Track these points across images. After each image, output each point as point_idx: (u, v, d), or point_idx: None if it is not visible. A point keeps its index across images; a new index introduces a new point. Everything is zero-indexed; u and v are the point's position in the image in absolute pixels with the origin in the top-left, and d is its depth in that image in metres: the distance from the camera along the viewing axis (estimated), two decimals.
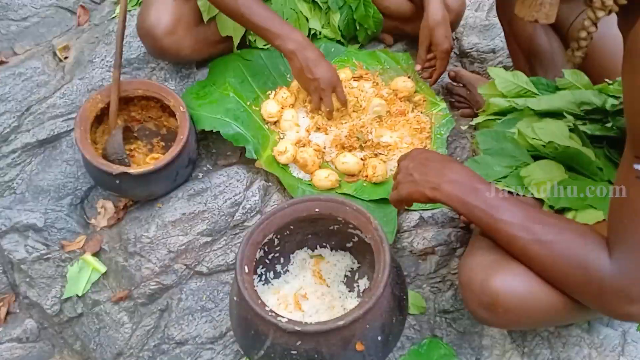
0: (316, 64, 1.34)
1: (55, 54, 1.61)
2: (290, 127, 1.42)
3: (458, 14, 1.49)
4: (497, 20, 1.67)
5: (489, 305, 0.84)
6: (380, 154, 1.39)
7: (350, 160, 1.36)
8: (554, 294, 0.83)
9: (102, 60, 1.55)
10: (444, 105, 1.47)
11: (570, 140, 1.08)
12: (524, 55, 1.34)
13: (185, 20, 1.39)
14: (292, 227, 1.11)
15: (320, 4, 1.56)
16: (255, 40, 1.53)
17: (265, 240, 1.05)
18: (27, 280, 1.30)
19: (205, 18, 1.42)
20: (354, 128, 1.41)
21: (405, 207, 1.04)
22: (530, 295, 0.83)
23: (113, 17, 1.65)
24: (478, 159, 1.10)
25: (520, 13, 0.78)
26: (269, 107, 1.43)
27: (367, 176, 1.35)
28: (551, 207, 1.02)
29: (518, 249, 0.83)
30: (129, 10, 1.59)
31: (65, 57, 1.62)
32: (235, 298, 0.99)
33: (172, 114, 1.37)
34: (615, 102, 1.11)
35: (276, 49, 1.35)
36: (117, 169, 1.24)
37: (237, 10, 1.29)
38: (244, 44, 1.53)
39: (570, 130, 1.10)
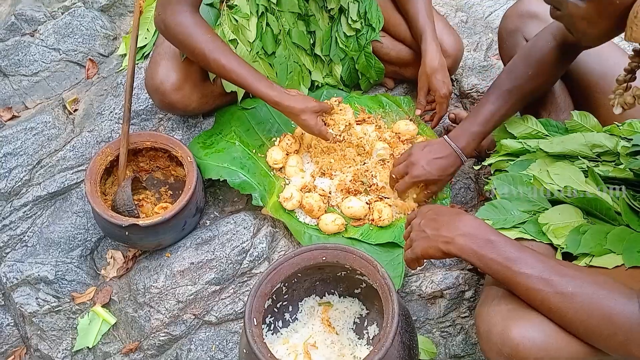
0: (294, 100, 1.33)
1: (65, 107, 1.66)
2: (296, 173, 1.44)
3: (455, 59, 1.53)
4: (495, 60, 1.72)
5: (510, 356, 0.83)
6: (386, 197, 1.41)
7: (355, 205, 1.37)
8: (575, 342, 0.82)
9: (111, 112, 1.59)
10: None
11: (586, 185, 1.10)
12: None
13: (193, 78, 1.43)
14: (299, 275, 1.12)
15: (323, 57, 1.61)
16: None
17: (273, 290, 1.06)
18: (38, 332, 1.31)
19: (212, 77, 1.46)
20: (359, 172, 1.43)
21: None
22: (551, 344, 0.83)
23: (120, 70, 1.70)
24: (496, 203, 1.11)
25: (627, 35, 0.76)
26: (274, 154, 1.45)
27: (373, 220, 1.37)
28: (570, 253, 1.03)
29: (538, 302, 0.83)
30: (137, 63, 1.64)
31: (75, 110, 1.66)
32: (244, 350, 1.00)
33: (180, 163, 1.40)
34: (627, 144, 1.13)
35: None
36: (126, 221, 1.26)
37: (215, 65, 1.31)
38: (248, 94, 1.57)
39: (584, 172, 1.12)
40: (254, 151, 1.47)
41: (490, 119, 1.24)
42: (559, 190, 1.09)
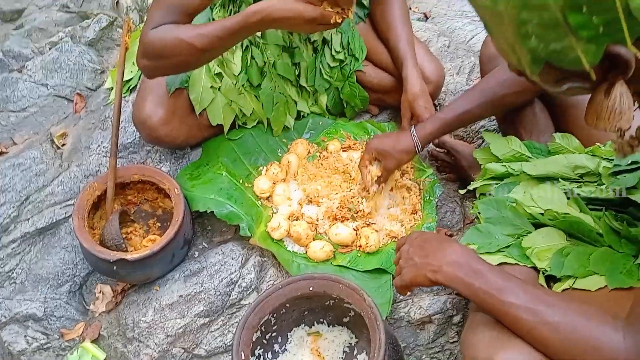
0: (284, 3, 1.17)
1: (53, 142, 1.67)
2: (283, 201, 1.45)
3: (437, 85, 1.56)
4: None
5: None
6: (372, 223, 1.42)
7: (343, 232, 1.38)
8: None
9: (99, 146, 1.60)
10: (431, 171, 1.51)
11: (568, 207, 1.11)
12: (508, 119, 1.39)
13: (180, 112, 1.45)
14: (287, 305, 1.12)
15: (308, 88, 1.63)
16: (245, 122, 1.59)
17: (261, 322, 1.06)
18: None
19: (198, 110, 1.48)
20: (345, 199, 1.45)
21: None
22: None
23: (108, 103, 1.72)
24: (480, 227, 1.13)
25: (599, 127, 0.79)
26: (261, 183, 1.47)
27: (360, 246, 1.38)
28: (553, 275, 1.04)
29: (524, 331, 0.83)
30: (123, 96, 1.66)
31: (63, 145, 1.67)
32: None
33: (168, 195, 1.41)
34: (609, 164, 1.15)
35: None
36: (114, 255, 1.27)
37: (203, 38, 1.18)
38: (234, 126, 1.59)
39: (566, 194, 1.14)
40: (241, 181, 1.49)
41: (455, 111, 1.29)
42: (541, 214, 1.11)
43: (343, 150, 1.58)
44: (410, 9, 2.25)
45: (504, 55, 0.74)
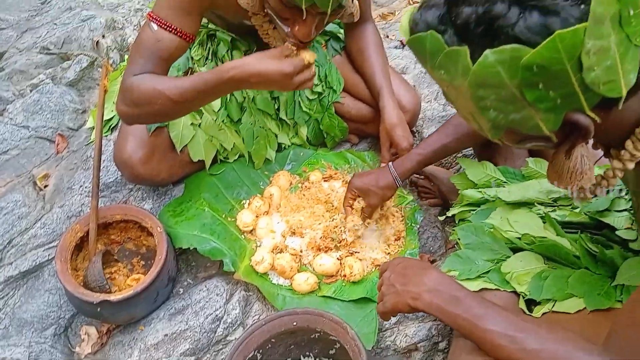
0: (259, 59, 1.18)
1: (35, 184, 1.67)
2: (266, 234, 1.46)
3: (414, 113, 1.59)
4: (454, 110, 1.79)
5: None
6: (356, 252, 1.43)
7: (326, 262, 1.39)
8: None
9: (81, 186, 1.60)
10: (411, 198, 1.53)
11: (544, 230, 1.13)
12: (483, 145, 1.42)
13: (160, 150, 1.47)
14: (273, 340, 1.12)
15: (287, 121, 1.66)
16: (226, 157, 1.60)
17: (247, 359, 1.06)
18: None
19: (178, 148, 1.49)
20: (328, 229, 1.46)
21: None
22: None
23: (90, 143, 1.73)
24: (460, 253, 1.15)
25: (561, 185, 0.81)
26: (244, 217, 1.48)
27: (345, 276, 1.39)
28: (533, 299, 1.05)
29: (504, 358, 0.83)
30: (105, 135, 1.67)
31: (45, 186, 1.67)
32: None
33: (151, 233, 1.41)
34: None
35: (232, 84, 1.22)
36: (97, 297, 1.26)
37: (181, 92, 1.21)
38: (216, 161, 1.60)
39: (542, 218, 1.16)
40: (223, 216, 1.49)
41: (432, 145, 1.32)
42: (519, 238, 1.13)
43: (324, 180, 1.60)
44: (387, 36, 2.30)
45: (465, 120, 0.77)
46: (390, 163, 1.37)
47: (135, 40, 1.30)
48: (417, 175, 1.59)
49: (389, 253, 1.44)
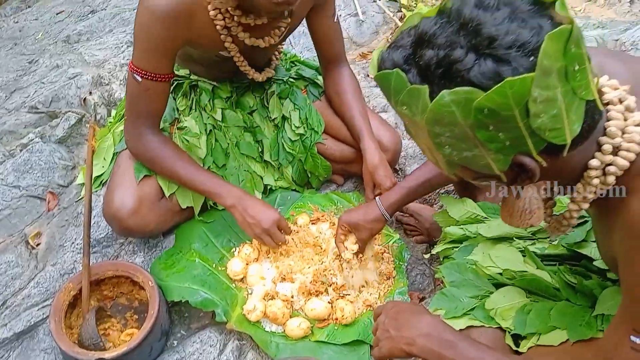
0: (255, 208, 1.45)
1: (27, 243, 1.69)
2: (257, 282, 1.48)
3: (395, 152, 1.64)
4: None
5: None
6: (347, 294, 1.45)
7: (318, 306, 1.41)
8: None
9: (73, 243, 1.63)
10: (397, 236, 1.56)
11: (525, 264, 1.17)
12: (462, 181, 1.46)
13: (148, 199, 1.50)
14: None
15: (272, 162, 1.70)
16: (215, 203, 1.63)
17: None
18: None
19: (167, 193, 1.53)
20: (318, 272, 1.48)
21: None
22: None
23: (80, 199, 1.75)
24: (445, 291, 1.18)
25: (512, 224, 0.86)
26: (234, 266, 1.50)
27: (337, 319, 1.40)
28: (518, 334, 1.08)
29: None
30: (95, 191, 1.70)
31: (38, 244, 1.69)
32: None
33: (143, 287, 1.43)
34: None
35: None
36: (92, 355, 1.27)
37: (179, 179, 1.47)
38: (206, 207, 1.63)
39: (522, 254, 1.19)
40: (214, 265, 1.52)
41: (417, 179, 1.37)
42: (500, 273, 1.16)
43: (312, 223, 1.63)
44: (368, 76, 2.36)
45: (424, 154, 0.82)
46: (377, 197, 1.40)
47: (127, 95, 1.44)
48: (402, 213, 1.62)
49: (379, 293, 1.46)
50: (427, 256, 1.37)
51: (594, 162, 0.76)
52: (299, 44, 2.64)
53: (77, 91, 2.05)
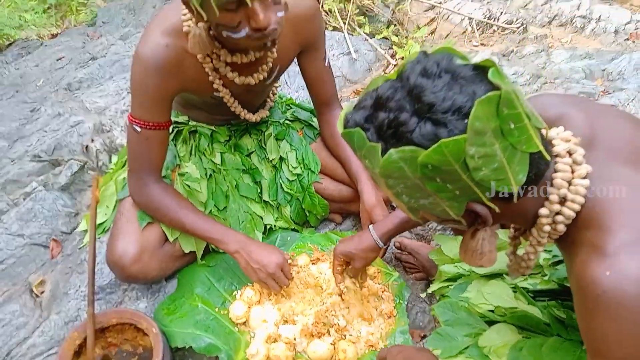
0: (258, 253, 1.48)
1: (32, 291, 1.71)
2: (259, 325, 1.49)
3: None
4: None
5: None
6: (349, 335, 1.47)
7: (320, 348, 1.42)
8: None
9: (77, 290, 1.65)
10: (397, 274, 1.58)
11: (516, 300, 1.20)
12: None
13: (150, 246, 1.53)
14: None
15: (271, 202, 1.74)
16: (216, 246, 1.66)
17: None
18: None
19: (171, 239, 1.56)
20: (320, 313, 1.50)
21: None
22: None
23: (83, 246, 1.78)
24: (440, 331, 1.21)
25: (466, 261, 0.91)
26: (236, 309, 1.52)
27: None
28: None
29: None
30: (98, 238, 1.73)
31: (42, 292, 1.71)
32: None
33: (147, 333, 1.45)
34: (548, 256, 1.25)
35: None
36: None
37: (183, 227, 1.51)
38: (208, 250, 1.66)
39: (513, 289, 1.22)
40: (217, 309, 1.54)
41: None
42: (492, 311, 1.19)
43: (312, 263, 1.65)
44: None
45: (390, 198, 0.87)
46: (370, 226, 1.42)
47: (128, 147, 1.48)
48: (400, 251, 1.65)
49: (380, 333, 1.47)
50: (423, 295, 1.40)
51: (543, 211, 0.83)
52: (294, 83, 2.71)
53: (79, 139, 2.10)
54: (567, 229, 0.84)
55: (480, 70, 0.75)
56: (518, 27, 3.29)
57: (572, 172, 0.82)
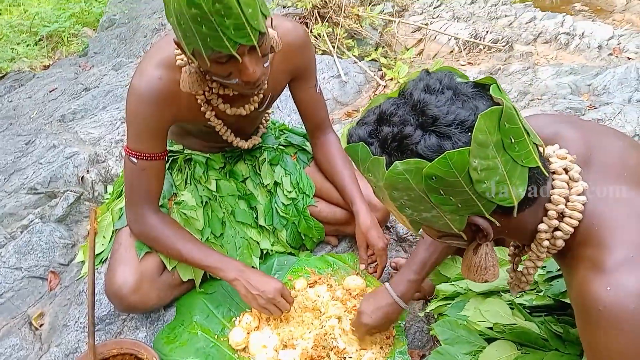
0: (257, 280, 1.49)
1: (31, 324, 1.71)
2: (259, 351, 1.50)
3: (384, 211, 1.70)
4: None
5: None
6: (349, 357, 1.48)
7: None
8: None
9: (76, 322, 1.65)
10: None
11: (513, 316, 1.21)
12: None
13: (149, 275, 1.54)
14: None
15: (267, 227, 1.76)
16: None
17: None
18: None
19: (169, 267, 1.57)
20: (319, 337, 1.51)
21: None
22: None
23: (81, 277, 1.79)
24: (440, 350, 1.22)
25: (470, 278, 0.93)
26: (236, 336, 1.52)
27: None
28: None
29: None
30: (96, 268, 1.74)
31: (41, 325, 1.71)
32: None
33: None
34: (543, 272, 1.27)
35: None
36: None
37: (181, 257, 1.52)
38: (205, 277, 1.67)
39: (510, 306, 1.24)
40: (216, 337, 1.54)
41: (424, 267, 1.37)
42: (490, 328, 1.20)
43: (310, 287, 1.67)
44: None
45: (393, 215, 0.91)
46: (394, 294, 1.37)
47: (125, 179, 1.50)
48: (397, 271, 1.67)
49: (381, 353, 1.48)
50: (422, 314, 1.41)
51: (542, 226, 0.87)
52: (286, 107, 2.75)
53: (75, 170, 2.12)
54: (566, 245, 0.87)
55: (481, 87, 0.80)
56: (504, 46, 3.36)
57: (570, 188, 0.85)
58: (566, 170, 0.86)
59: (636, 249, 0.78)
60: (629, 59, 3.31)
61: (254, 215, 1.79)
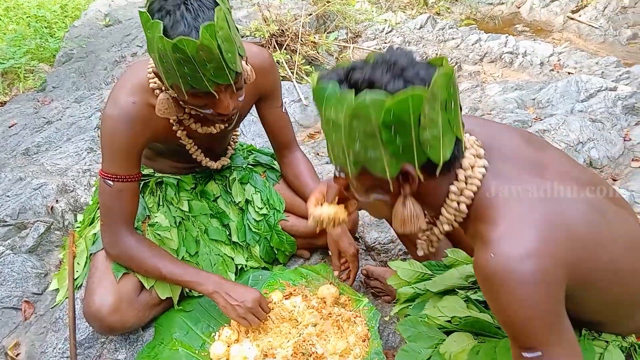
0: (236, 291, 1.55)
1: (7, 354, 1.70)
2: None
3: (354, 222, 1.79)
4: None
5: None
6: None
7: None
8: None
9: (54, 348, 1.65)
10: (367, 300, 1.68)
11: (468, 310, 1.31)
12: (413, 244, 1.61)
13: (127, 296, 1.57)
14: None
15: (240, 243, 1.82)
16: (191, 290, 1.72)
17: None
18: None
19: (147, 286, 1.60)
20: (297, 344, 1.56)
21: None
22: None
23: (55, 305, 1.79)
24: (405, 347, 1.29)
25: (406, 231, 1.04)
26: (216, 349, 1.56)
27: None
28: None
29: None
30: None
31: (17, 354, 1.70)
32: None
33: None
34: None
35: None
36: None
37: (160, 275, 1.57)
38: (183, 295, 1.71)
39: (466, 301, 1.33)
40: (197, 352, 1.58)
41: None
42: (449, 321, 1.30)
43: (285, 298, 1.72)
44: (318, 154, 2.55)
45: (335, 160, 1.02)
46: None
47: (100, 201, 1.54)
48: (368, 277, 1.75)
49: (357, 357, 1.55)
50: (387, 318, 1.49)
51: (452, 188, 1.01)
52: (250, 132, 2.83)
53: (43, 200, 2.13)
54: (468, 220, 1.02)
55: (432, 64, 0.94)
56: (453, 66, 3.55)
57: (475, 162, 1.01)
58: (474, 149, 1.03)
59: (515, 222, 0.92)
60: (569, 73, 3.56)
61: (227, 233, 1.85)
